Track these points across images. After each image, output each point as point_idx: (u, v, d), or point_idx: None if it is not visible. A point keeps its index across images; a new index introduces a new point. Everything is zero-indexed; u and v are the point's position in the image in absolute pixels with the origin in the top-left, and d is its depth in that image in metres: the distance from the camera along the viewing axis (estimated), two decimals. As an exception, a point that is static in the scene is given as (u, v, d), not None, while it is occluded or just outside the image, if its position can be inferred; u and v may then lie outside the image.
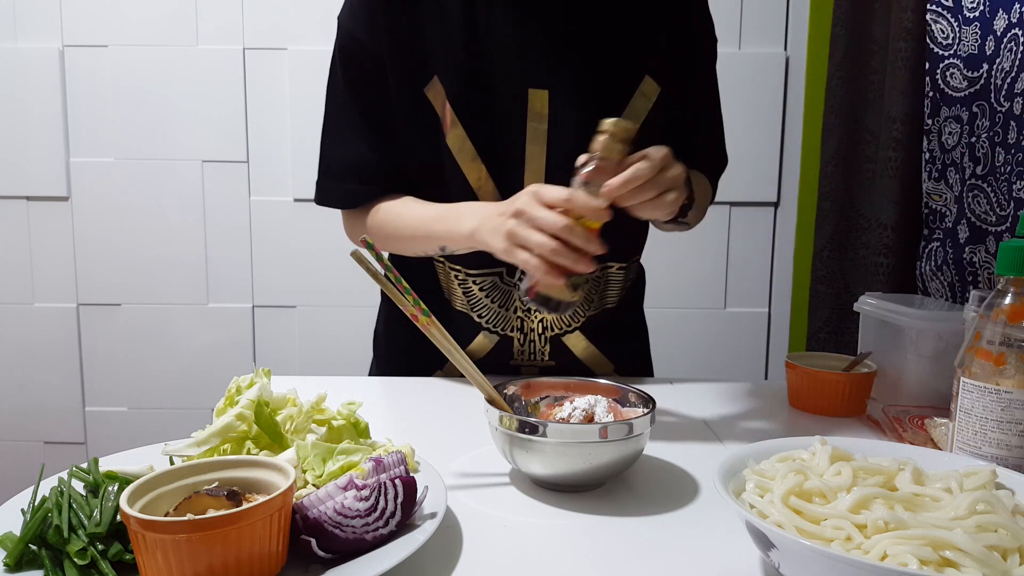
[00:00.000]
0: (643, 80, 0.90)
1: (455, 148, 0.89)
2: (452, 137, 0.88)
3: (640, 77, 0.90)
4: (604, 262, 0.96)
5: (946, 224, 1.23)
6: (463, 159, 0.89)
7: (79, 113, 1.82)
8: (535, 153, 0.89)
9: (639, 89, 0.91)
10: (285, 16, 1.80)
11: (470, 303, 0.96)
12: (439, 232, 0.86)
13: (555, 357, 0.99)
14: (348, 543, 0.48)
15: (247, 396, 0.59)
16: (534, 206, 0.72)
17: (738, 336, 1.93)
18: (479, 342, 0.97)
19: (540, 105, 0.88)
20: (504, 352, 0.98)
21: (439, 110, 0.88)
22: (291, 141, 1.83)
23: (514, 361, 0.99)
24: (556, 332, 0.98)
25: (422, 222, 0.88)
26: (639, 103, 0.91)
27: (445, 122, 0.88)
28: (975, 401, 0.61)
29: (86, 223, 1.86)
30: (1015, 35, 1.03)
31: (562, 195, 0.72)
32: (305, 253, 1.88)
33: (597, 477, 0.64)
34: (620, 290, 1.00)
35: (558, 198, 0.72)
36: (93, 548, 0.46)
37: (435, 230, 0.86)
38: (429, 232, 0.87)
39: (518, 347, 0.98)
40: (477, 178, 0.89)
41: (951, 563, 0.41)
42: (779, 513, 0.47)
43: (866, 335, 0.98)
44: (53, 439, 1.95)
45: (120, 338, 1.91)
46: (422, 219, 0.88)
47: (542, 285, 0.74)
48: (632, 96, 0.90)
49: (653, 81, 0.91)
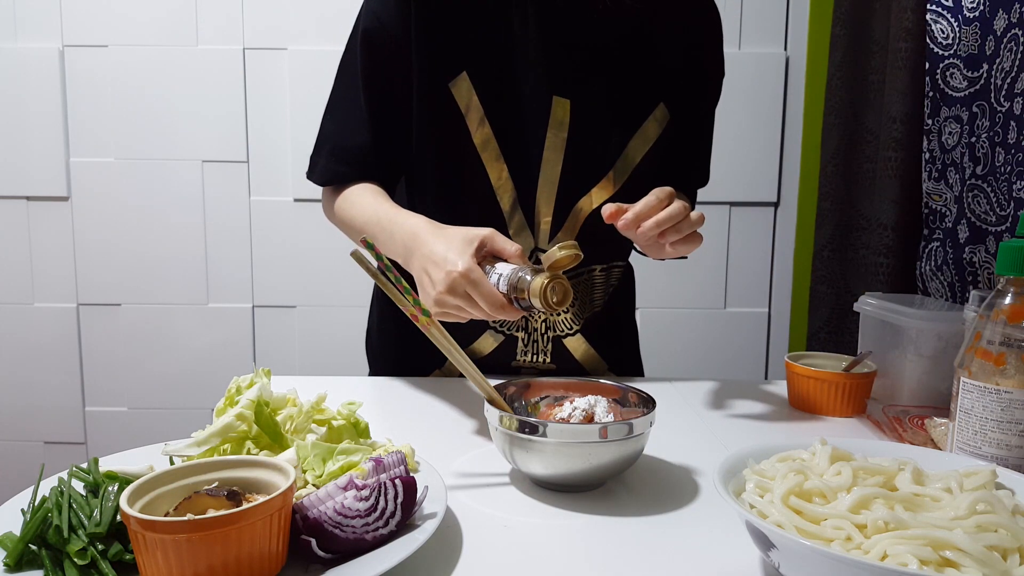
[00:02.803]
0: (657, 106, 0.93)
1: (480, 146, 0.89)
2: (479, 135, 0.89)
3: (655, 103, 0.93)
4: (588, 265, 0.98)
5: (946, 224, 1.23)
6: (488, 158, 0.90)
7: (79, 113, 1.82)
8: (551, 160, 0.90)
9: (653, 114, 0.93)
10: (285, 16, 1.80)
11: None
12: (374, 234, 0.86)
13: (556, 360, 1.00)
14: (348, 543, 0.48)
15: (247, 396, 0.59)
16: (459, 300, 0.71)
17: (738, 336, 1.93)
18: (484, 341, 0.98)
19: (562, 113, 0.89)
20: (507, 352, 0.99)
21: (463, 106, 0.88)
22: (291, 141, 1.83)
23: (516, 362, 1.00)
24: (559, 333, 0.99)
25: (363, 217, 0.88)
26: (650, 128, 0.93)
27: (470, 119, 0.89)
28: (975, 401, 0.61)
29: (86, 223, 1.86)
30: (1015, 35, 1.03)
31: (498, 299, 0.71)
32: (305, 253, 1.88)
33: (597, 477, 0.64)
34: (604, 292, 1.02)
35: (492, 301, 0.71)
36: (93, 548, 0.46)
37: (370, 231, 0.86)
38: (362, 230, 0.88)
39: (521, 347, 0.98)
40: (498, 177, 0.90)
41: (951, 563, 0.41)
42: (779, 513, 0.47)
43: (866, 335, 0.98)
44: (53, 439, 1.95)
45: (120, 338, 1.91)
46: (364, 215, 0.88)
47: None
48: (646, 120, 0.93)
49: (665, 108, 0.94)
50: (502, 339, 0.98)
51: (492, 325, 0.97)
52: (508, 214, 0.92)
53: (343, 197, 0.93)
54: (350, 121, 0.93)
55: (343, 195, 0.93)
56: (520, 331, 0.97)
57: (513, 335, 0.98)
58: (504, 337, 0.98)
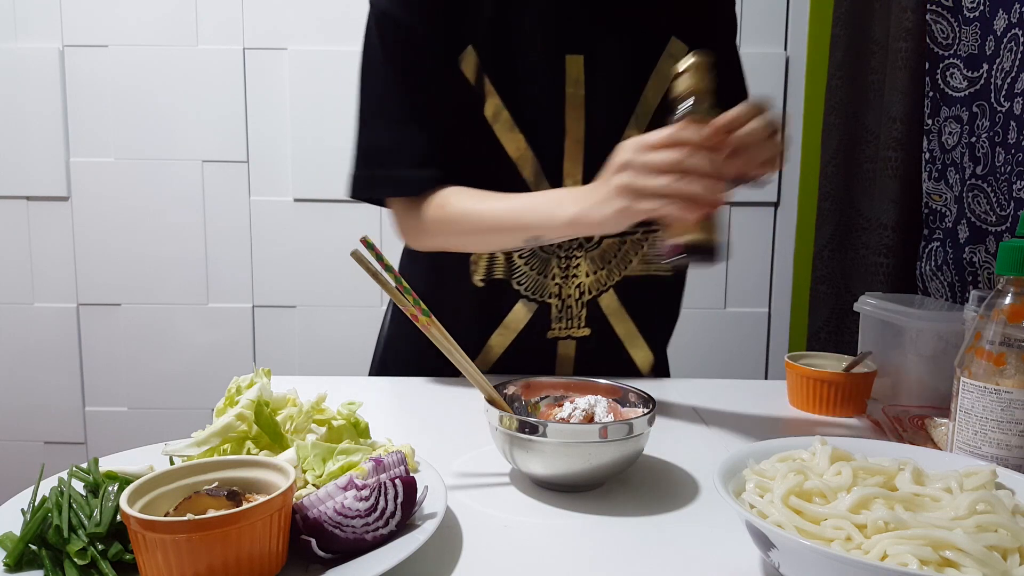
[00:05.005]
0: (670, 41, 0.91)
1: (492, 118, 0.88)
2: (489, 107, 0.88)
3: (667, 38, 0.91)
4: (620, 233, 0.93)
5: (946, 224, 1.23)
6: (501, 130, 0.89)
7: (79, 113, 1.82)
8: (574, 118, 0.89)
9: (666, 50, 0.91)
10: (285, 16, 1.80)
11: (510, 270, 0.95)
12: (531, 222, 0.81)
13: (590, 323, 0.98)
14: (348, 543, 0.48)
15: (247, 396, 0.59)
16: (641, 153, 0.68)
17: (738, 336, 1.93)
18: (518, 311, 0.96)
19: (576, 71, 0.88)
20: (542, 322, 0.97)
21: (472, 80, 0.88)
22: (291, 141, 1.83)
23: (551, 332, 0.97)
24: (592, 295, 0.96)
25: (509, 214, 0.83)
26: (665, 65, 0.91)
27: (481, 93, 0.88)
28: (975, 401, 0.61)
29: (86, 223, 1.86)
30: (1015, 35, 1.03)
31: (669, 133, 0.67)
32: (305, 253, 1.88)
33: (597, 477, 0.64)
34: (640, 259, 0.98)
35: (666, 136, 0.67)
36: (93, 548, 0.46)
37: (526, 220, 0.81)
38: (518, 223, 0.82)
39: (555, 314, 0.96)
40: (516, 148, 0.89)
41: (951, 563, 0.41)
42: (779, 513, 0.47)
43: (866, 335, 0.98)
44: (53, 439, 1.95)
45: (120, 338, 1.91)
46: (507, 211, 0.83)
47: (685, 232, 0.67)
48: (660, 57, 0.91)
49: (680, 41, 0.91)
50: (535, 307, 0.96)
51: (524, 293, 0.95)
52: (533, 184, 0.90)
53: (453, 210, 0.86)
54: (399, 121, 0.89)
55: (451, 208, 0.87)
56: (553, 298, 0.96)
57: (546, 302, 0.96)
58: (537, 305, 0.96)
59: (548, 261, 0.94)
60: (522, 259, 0.94)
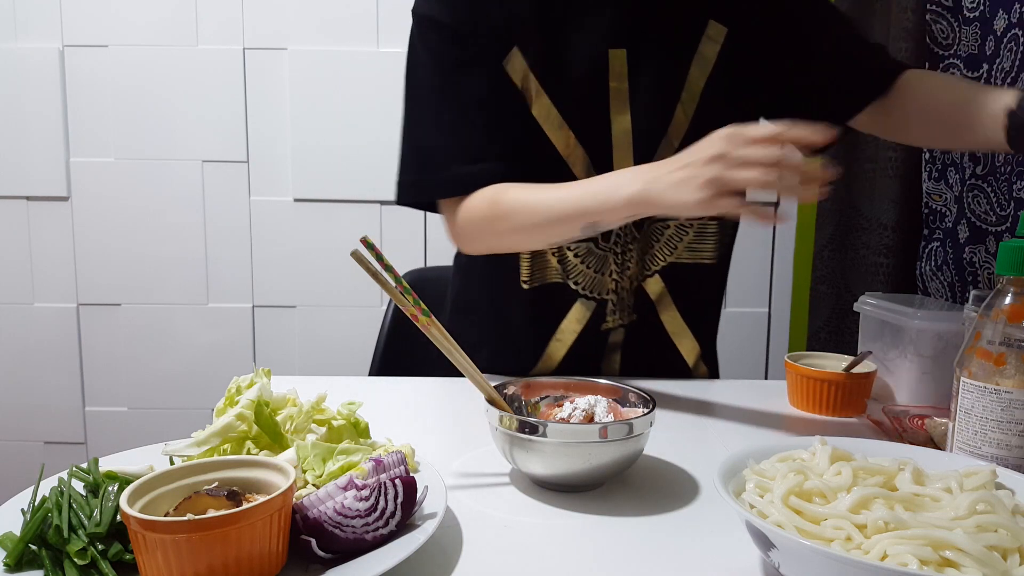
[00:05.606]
0: (708, 24, 0.91)
1: (541, 117, 0.89)
2: (538, 107, 0.89)
3: (705, 22, 0.91)
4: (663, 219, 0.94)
5: (946, 224, 1.23)
6: (550, 128, 0.89)
7: (79, 113, 1.83)
8: (619, 111, 0.90)
9: (705, 33, 0.91)
10: (285, 16, 1.80)
11: (566, 271, 0.95)
12: (591, 207, 0.78)
13: (638, 309, 0.98)
14: (348, 543, 0.48)
15: (247, 396, 0.59)
16: (739, 147, 0.67)
17: (738, 336, 1.93)
18: (577, 311, 0.96)
19: (620, 64, 0.89)
20: (597, 319, 0.97)
21: (520, 82, 0.88)
22: (291, 141, 1.83)
23: (605, 324, 0.98)
24: (639, 281, 0.97)
25: (566, 203, 0.80)
26: (707, 48, 0.91)
27: (529, 93, 0.89)
28: (975, 401, 0.61)
29: (86, 223, 1.86)
30: (1015, 35, 1.03)
31: (771, 128, 0.66)
32: (305, 253, 1.88)
33: (597, 477, 0.64)
34: (715, 246, 0.98)
35: (767, 131, 0.66)
36: (93, 548, 0.46)
37: (585, 206, 0.79)
38: (577, 210, 0.79)
39: (611, 308, 0.97)
40: (565, 145, 0.90)
41: (951, 563, 0.41)
42: (779, 513, 0.47)
43: (866, 335, 0.98)
44: (53, 439, 1.95)
45: (120, 338, 1.91)
46: (564, 199, 0.81)
47: None
48: (700, 42, 0.91)
49: (717, 23, 0.91)
50: (594, 305, 0.96)
51: (583, 292, 0.96)
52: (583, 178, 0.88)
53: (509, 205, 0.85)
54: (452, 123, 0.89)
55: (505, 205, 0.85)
56: (610, 293, 0.96)
57: (603, 299, 0.96)
58: (595, 303, 0.96)
59: (605, 258, 0.95)
60: (577, 258, 0.95)
